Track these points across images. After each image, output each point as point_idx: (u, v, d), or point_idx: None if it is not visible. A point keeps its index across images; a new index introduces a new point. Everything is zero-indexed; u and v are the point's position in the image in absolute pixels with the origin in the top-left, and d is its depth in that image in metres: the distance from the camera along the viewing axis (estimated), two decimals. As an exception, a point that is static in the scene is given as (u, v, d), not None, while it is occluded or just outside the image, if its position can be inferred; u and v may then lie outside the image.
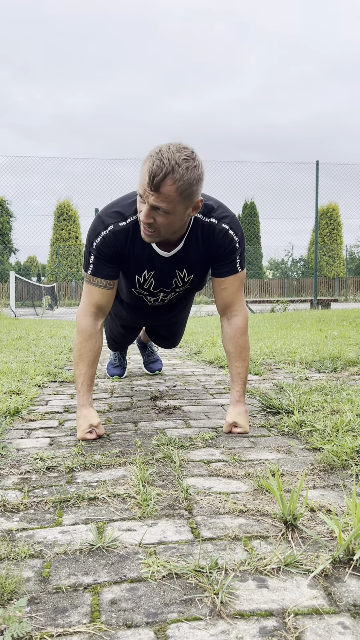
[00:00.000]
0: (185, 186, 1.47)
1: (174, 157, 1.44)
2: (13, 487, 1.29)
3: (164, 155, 1.44)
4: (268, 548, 0.97)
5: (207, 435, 1.71)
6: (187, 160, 1.46)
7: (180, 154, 1.45)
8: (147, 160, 1.47)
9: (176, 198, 1.48)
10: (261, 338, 4.68)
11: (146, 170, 1.46)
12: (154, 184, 1.44)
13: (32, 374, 2.84)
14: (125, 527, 1.06)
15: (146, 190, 1.47)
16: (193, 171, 1.47)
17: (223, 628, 0.75)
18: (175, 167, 1.43)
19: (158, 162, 1.44)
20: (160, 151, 1.46)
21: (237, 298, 1.84)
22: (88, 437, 1.69)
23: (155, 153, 1.46)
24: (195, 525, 1.07)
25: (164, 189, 1.45)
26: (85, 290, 1.80)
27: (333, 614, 0.78)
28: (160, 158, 1.44)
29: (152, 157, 1.46)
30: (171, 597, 0.82)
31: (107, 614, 0.78)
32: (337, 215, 27.96)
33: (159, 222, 1.54)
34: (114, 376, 2.92)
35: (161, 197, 1.47)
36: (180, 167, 1.44)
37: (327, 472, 1.37)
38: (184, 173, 1.45)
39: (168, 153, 1.45)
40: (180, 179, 1.45)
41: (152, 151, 1.49)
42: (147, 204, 1.50)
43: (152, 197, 1.47)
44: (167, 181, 1.44)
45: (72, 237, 25.47)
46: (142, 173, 1.48)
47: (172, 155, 1.44)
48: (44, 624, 0.76)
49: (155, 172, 1.43)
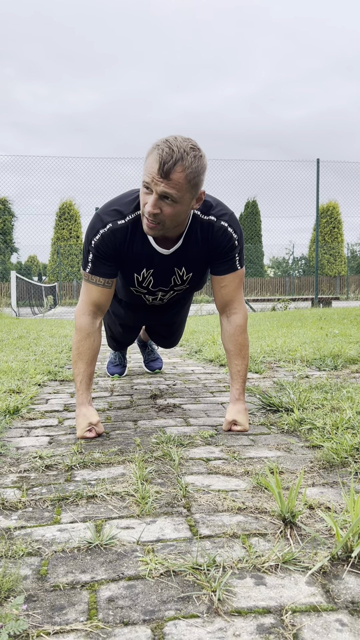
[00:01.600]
0: (194, 174, 1.50)
1: (182, 145, 1.48)
2: (12, 486, 1.29)
3: (172, 143, 1.47)
4: (266, 545, 0.97)
5: (206, 433, 1.71)
6: (193, 149, 1.50)
7: (187, 143, 1.49)
8: (154, 150, 1.49)
9: (185, 185, 1.50)
10: (262, 336, 4.67)
11: (154, 159, 1.47)
12: (164, 170, 1.46)
13: (32, 373, 2.84)
14: (124, 525, 1.06)
15: (154, 178, 1.48)
16: (200, 160, 1.51)
17: (220, 625, 0.74)
18: (184, 154, 1.46)
19: (167, 149, 1.46)
20: (167, 140, 1.48)
21: (236, 296, 1.84)
22: (87, 435, 1.69)
23: (163, 142, 1.49)
24: (193, 522, 1.07)
25: (174, 175, 1.47)
26: (84, 289, 1.80)
27: (331, 611, 0.77)
28: (169, 146, 1.46)
29: (160, 146, 1.48)
30: (169, 594, 0.82)
31: (104, 612, 0.78)
32: (338, 214, 27.91)
33: (165, 212, 1.54)
34: (114, 375, 2.91)
35: (171, 183, 1.48)
36: (188, 155, 1.47)
37: (326, 469, 1.37)
38: (192, 161, 1.48)
39: (176, 142, 1.48)
40: (189, 167, 1.48)
41: (158, 141, 1.51)
42: (155, 194, 1.50)
43: (161, 185, 1.48)
44: (177, 168, 1.46)
45: (73, 237, 25.48)
46: (149, 162, 1.50)
47: (179, 144, 1.48)
48: (41, 621, 0.76)
49: (165, 159, 1.45)
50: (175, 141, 1.48)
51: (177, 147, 1.47)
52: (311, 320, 6.43)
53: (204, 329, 5.74)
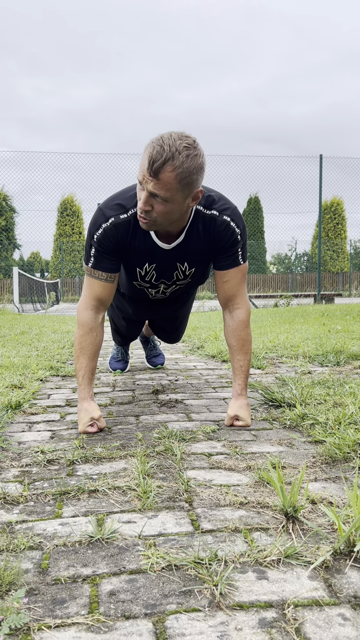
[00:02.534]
0: (185, 174, 1.45)
1: (174, 144, 1.43)
2: (13, 480, 1.29)
3: (164, 141, 1.43)
4: (268, 540, 0.96)
5: (208, 428, 1.71)
6: (187, 149, 1.45)
7: (182, 142, 1.44)
8: (148, 147, 1.46)
9: (175, 186, 1.46)
10: (264, 332, 4.67)
11: (146, 156, 1.45)
12: (153, 169, 1.43)
13: (35, 368, 2.84)
14: (125, 519, 1.06)
15: (145, 176, 1.46)
16: (193, 160, 1.46)
17: (222, 619, 0.74)
18: (175, 153, 1.42)
19: (158, 147, 1.43)
20: (161, 138, 1.45)
21: (239, 291, 1.83)
22: (89, 430, 1.69)
23: (156, 139, 1.46)
24: (195, 517, 1.06)
25: (163, 175, 1.44)
26: (86, 284, 1.80)
27: (333, 605, 0.77)
28: (161, 144, 1.43)
29: (153, 143, 1.45)
30: (170, 588, 0.82)
31: (105, 605, 0.78)
32: (342, 210, 27.82)
33: (156, 210, 1.53)
34: (117, 370, 2.91)
35: (160, 183, 1.45)
36: (180, 154, 1.43)
37: (328, 464, 1.36)
38: (184, 160, 1.44)
39: (169, 140, 1.44)
40: (180, 167, 1.44)
41: (154, 138, 1.48)
42: (146, 191, 1.49)
43: (150, 184, 1.46)
44: (167, 167, 1.43)
45: (76, 233, 25.46)
46: (143, 159, 1.48)
47: (173, 142, 1.43)
48: (42, 615, 0.76)
49: (155, 158, 1.42)
50: (169, 139, 1.44)
51: (169, 145, 1.43)
52: (314, 316, 6.42)
53: (206, 325, 5.73)
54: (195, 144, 1.48)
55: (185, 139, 1.46)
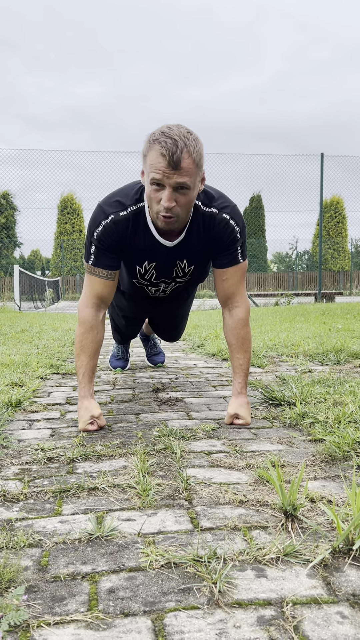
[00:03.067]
0: (199, 156, 1.51)
1: (180, 132, 1.48)
2: (13, 478, 1.29)
3: (171, 133, 1.47)
4: (267, 538, 0.96)
5: (208, 426, 1.71)
6: (190, 133, 1.51)
7: (182, 129, 1.50)
8: (154, 145, 1.48)
9: (194, 170, 1.51)
10: (265, 331, 4.67)
11: (158, 154, 1.47)
12: (174, 161, 1.46)
13: (35, 366, 2.84)
14: (125, 517, 1.06)
15: (165, 172, 1.48)
16: (198, 141, 1.53)
17: (221, 617, 0.74)
18: (186, 140, 1.47)
19: (170, 140, 1.46)
20: (164, 132, 1.48)
21: (238, 289, 1.83)
22: (89, 428, 1.69)
23: (160, 135, 1.48)
24: (194, 515, 1.06)
25: (184, 163, 1.47)
26: (87, 281, 1.80)
27: (332, 603, 0.77)
28: (169, 136, 1.46)
29: (160, 140, 1.47)
30: (169, 586, 0.82)
31: (104, 603, 0.78)
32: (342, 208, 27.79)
33: (180, 202, 1.55)
34: (117, 368, 2.91)
35: (182, 172, 1.48)
36: (189, 139, 1.48)
37: (328, 463, 1.36)
38: (194, 144, 1.49)
39: (173, 131, 1.48)
40: (194, 150, 1.49)
41: (153, 136, 1.50)
42: (169, 187, 1.50)
43: (174, 177, 1.48)
44: (184, 155, 1.47)
45: (76, 231, 25.44)
46: (152, 159, 1.49)
47: (177, 131, 1.48)
48: (41, 612, 0.76)
49: (172, 150, 1.45)
50: (172, 130, 1.48)
51: (177, 135, 1.46)
52: (314, 315, 6.42)
53: (206, 324, 5.73)
54: (190, 129, 1.54)
55: (181, 125, 1.52)
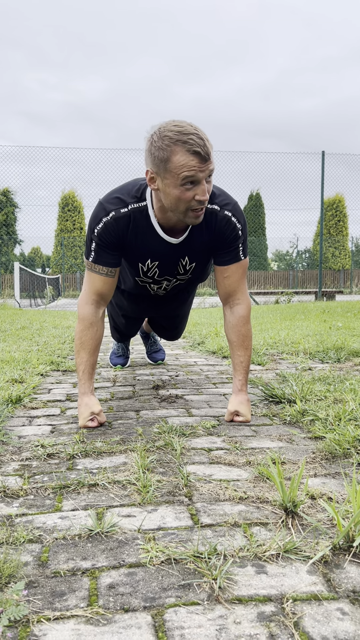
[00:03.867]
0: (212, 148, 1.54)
1: (190, 125, 1.51)
2: (13, 474, 1.29)
3: (187, 130, 1.48)
4: (268, 535, 0.96)
5: (208, 423, 1.71)
6: (191, 124, 1.52)
7: (184, 122, 1.52)
8: (178, 147, 1.47)
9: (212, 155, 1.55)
10: (265, 329, 4.66)
11: (189, 154, 1.47)
12: (206, 153, 1.48)
13: (35, 363, 2.84)
14: (125, 513, 1.06)
15: (200, 167, 1.49)
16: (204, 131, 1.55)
17: (221, 613, 0.74)
18: (199, 130, 1.50)
19: (193, 136, 1.47)
20: (179, 132, 1.48)
21: (239, 286, 1.83)
22: (89, 424, 1.69)
23: (180, 135, 1.48)
24: (195, 511, 1.06)
25: (210, 150, 1.51)
26: (87, 278, 1.79)
27: (332, 600, 0.77)
28: (189, 133, 1.48)
29: (182, 140, 1.47)
30: (169, 582, 0.82)
31: (104, 598, 0.78)
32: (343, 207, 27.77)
33: (209, 190, 1.58)
34: (117, 365, 2.91)
35: (211, 161, 1.52)
36: (199, 129, 1.51)
37: (328, 460, 1.36)
38: (205, 133, 1.52)
39: (184, 127, 1.49)
40: (208, 139, 1.52)
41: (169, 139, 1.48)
42: (202, 181, 1.52)
43: (207, 168, 1.51)
44: (208, 144, 1.50)
45: (77, 228, 25.43)
46: (181, 160, 1.48)
47: (187, 126, 1.50)
48: (41, 607, 0.76)
49: (200, 144, 1.47)
50: (184, 127, 1.49)
51: (193, 129, 1.49)
52: (315, 313, 6.41)
53: (207, 321, 5.73)
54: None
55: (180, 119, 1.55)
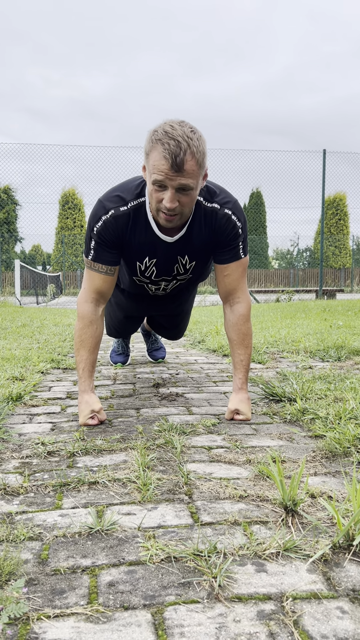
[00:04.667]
0: (202, 155, 1.49)
1: (183, 132, 1.44)
2: (14, 471, 1.29)
3: (174, 134, 1.43)
4: (268, 533, 0.96)
5: (209, 422, 1.71)
6: (193, 132, 1.47)
7: (185, 128, 1.46)
8: (157, 145, 1.45)
9: (197, 170, 1.49)
10: (265, 327, 4.66)
11: (160, 155, 1.44)
12: (177, 163, 1.44)
13: (36, 361, 2.84)
14: (125, 511, 1.06)
15: (168, 174, 1.46)
16: (201, 140, 1.50)
17: (221, 611, 0.74)
18: (189, 141, 1.44)
19: (173, 142, 1.43)
20: (167, 132, 1.44)
21: (240, 285, 1.82)
22: (90, 422, 1.69)
23: (163, 135, 1.45)
24: (195, 509, 1.06)
25: (187, 165, 1.45)
26: (86, 276, 1.79)
27: (332, 598, 0.77)
28: (173, 137, 1.43)
29: (163, 141, 1.44)
30: (169, 580, 0.82)
31: (104, 596, 0.78)
32: (344, 205, 27.75)
33: (182, 202, 1.54)
34: (117, 363, 2.91)
35: (186, 174, 1.47)
36: (192, 139, 1.45)
37: (328, 459, 1.36)
38: (197, 144, 1.47)
39: (176, 131, 1.44)
40: (197, 151, 1.47)
41: (155, 135, 1.47)
42: (171, 188, 1.49)
43: (177, 179, 1.47)
44: (187, 157, 1.44)
45: (77, 226, 25.41)
46: (155, 159, 1.46)
47: (181, 131, 1.44)
48: (41, 604, 0.76)
49: (175, 153, 1.43)
50: (175, 130, 1.44)
51: (180, 136, 1.43)
52: (315, 311, 6.41)
53: (207, 320, 5.73)
54: (193, 126, 1.51)
55: (184, 123, 1.49)
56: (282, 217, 45.86)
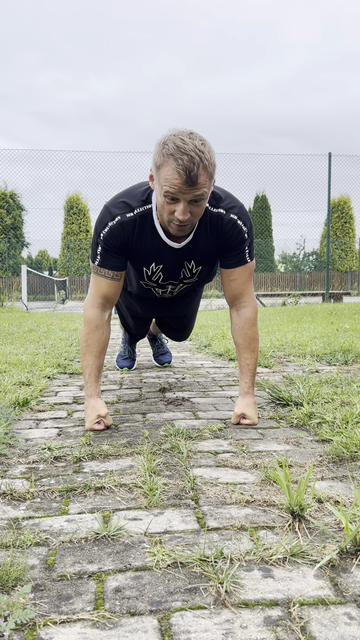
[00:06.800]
0: (213, 167, 1.50)
1: (195, 146, 1.45)
2: (20, 476, 1.29)
3: (186, 149, 1.44)
4: (274, 538, 0.96)
5: (215, 426, 1.70)
6: (203, 144, 1.48)
7: (195, 140, 1.47)
8: (168, 161, 1.45)
9: (208, 182, 1.51)
10: (272, 331, 4.65)
11: (173, 170, 1.45)
12: (191, 179, 1.45)
13: (42, 366, 2.85)
14: (131, 516, 1.06)
15: (181, 189, 1.47)
16: (211, 149, 1.51)
17: (227, 617, 0.74)
18: (201, 155, 1.45)
19: (186, 157, 1.43)
20: (178, 148, 1.44)
21: (246, 289, 1.82)
22: (96, 427, 1.69)
23: (175, 150, 1.45)
24: (201, 515, 1.06)
25: (200, 179, 1.47)
26: (93, 282, 1.80)
27: (339, 604, 0.77)
28: (185, 152, 1.44)
29: (175, 156, 1.44)
30: (176, 585, 0.82)
31: (111, 602, 0.78)
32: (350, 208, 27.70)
33: (194, 212, 1.56)
34: (124, 368, 2.92)
35: (198, 186, 1.48)
36: (204, 153, 1.46)
37: (335, 463, 1.35)
38: (209, 156, 1.48)
39: (187, 145, 1.44)
40: (209, 164, 1.48)
41: (166, 149, 1.46)
42: (184, 201, 1.50)
43: (190, 193, 1.49)
44: (201, 171, 1.46)
45: (83, 231, 25.52)
46: (167, 173, 1.47)
47: (192, 145, 1.45)
48: (47, 610, 0.76)
49: (188, 168, 1.44)
50: (187, 145, 1.44)
51: (192, 151, 1.44)
52: (322, 315, 6.39)
53: (213, 324, 5.73)
54: (202, 137, 1.51)
55: (193, 134, 1.49)
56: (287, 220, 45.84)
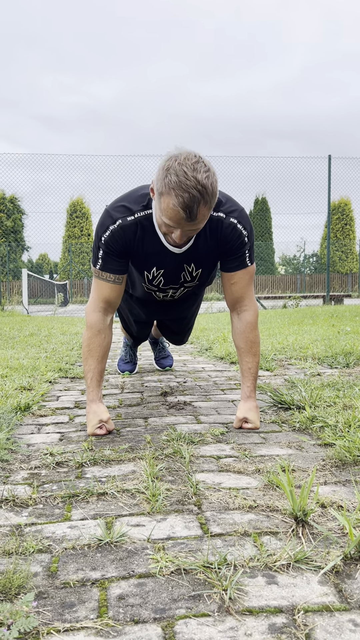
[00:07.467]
0: (214, 199, 1.47)
1: (197, 181, 1.39)
2: (22, 482, 1.29)
3: (188, 186, 1.39)
4: (278, 544, 0.95)
5: (217, 430, 1.70)
6: (207, 176, 1.42)
7: (197, 172, 1.40)
8: (170, 194, 1.41)
9: (208, 213, 1.50)
10: (273, 334, 4.65)
11: (174, 207, 1.43)
12: (190, 216, 1.44)
13: (43, 370, 2.85)
14: (134, 522, 1.06)
15: (179, 223, 1.48)
16: (214, 182, 1.45)
17: (231, 624, 0.74)
18: (202, 191, 1.41)
19: (187, 195, 1.40)
20: (180, 183, 1.39)
21: (246, 293, 1.82)
22: (98, 432, 1.69)
23: (177, 185, 1.39)
24: (204, 520, 1.06)
25: (199, 215, 1.46)
26: (94, 286, 1.80)
27: (344, 611, 0.76)
28: (186, 190, 1.39)
29: (176, 192, 1.40)
30: (179, 592, 0.81)
31: (114, 610, 0.77)
32: (350, 210, 27.71)
33: (192, 234, 1.58)
34: (125, 372, 2.91)
35: (197, 222, 1.48)
36: (206, 188, 1.41)
37: (338, 467, 1.35)
38: (211, 190, 1.43)
39: (189, 180, 1.39)
40: (210, 199, 1.45)
41: (168, 182, 1.41)
42: (181, 230, 1.51)
43: (187, 226, 1.50)
44: (201, 207, 1.44)
45: (85, 235, 25.53)
46: (167, 206, 1.44)
47: (194, 180, 1.39)
48: (51, 618, 0.76)
49: (189, 207, 1.42)
50: (189, 181, 1.38)
51: (194, 188, 1.39)
52: (323, 317, 6.39)
53: (214, 327, 5.72)
54: (205, 162, 1.45)
55: (198, 164, 1.42)
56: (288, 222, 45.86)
